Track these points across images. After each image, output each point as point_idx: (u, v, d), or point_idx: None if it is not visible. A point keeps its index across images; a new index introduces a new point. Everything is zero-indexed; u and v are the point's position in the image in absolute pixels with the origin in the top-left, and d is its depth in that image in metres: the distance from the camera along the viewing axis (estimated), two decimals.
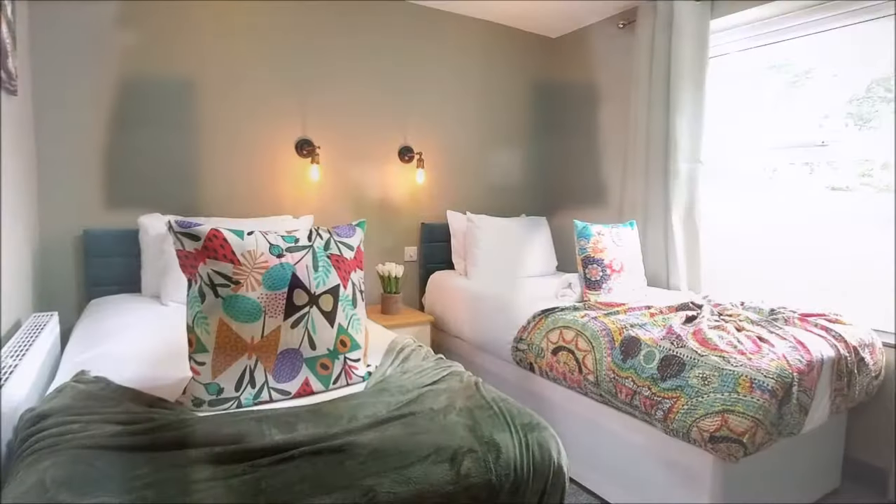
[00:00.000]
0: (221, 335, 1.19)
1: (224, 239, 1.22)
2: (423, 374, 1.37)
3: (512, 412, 1.21)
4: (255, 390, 1.22)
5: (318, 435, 1.02)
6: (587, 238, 2.38)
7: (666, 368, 1.71)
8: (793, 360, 1.64)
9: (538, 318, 2.26)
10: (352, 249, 1.40)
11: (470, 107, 3.34)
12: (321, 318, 1.29)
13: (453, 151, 3.30)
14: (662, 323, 1.97)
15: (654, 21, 2.84)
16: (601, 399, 1.94)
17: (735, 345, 1.72)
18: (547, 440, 1.15)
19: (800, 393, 1.61)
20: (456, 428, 1.11)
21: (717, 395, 1.56)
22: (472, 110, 3.36)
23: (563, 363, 2.06)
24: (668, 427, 1.65)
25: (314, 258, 1.31)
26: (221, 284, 1.19)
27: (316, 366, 1.29)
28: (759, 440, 1.52)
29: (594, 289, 2.33)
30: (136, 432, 1.03)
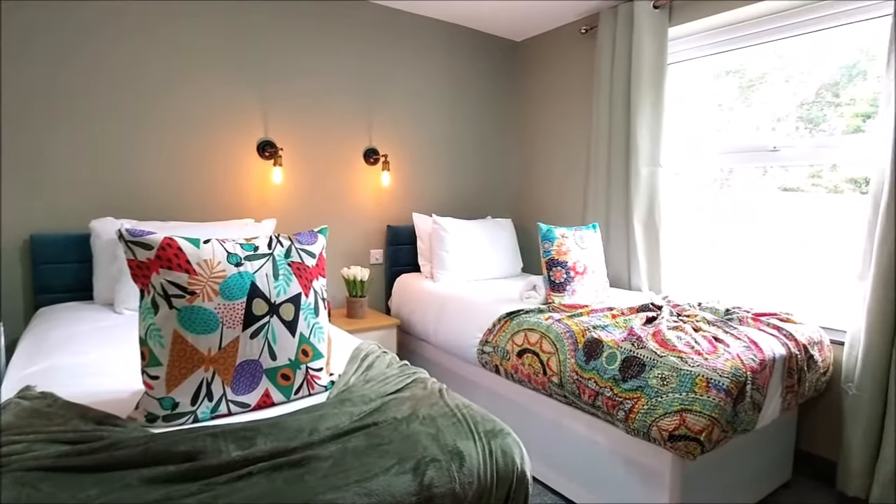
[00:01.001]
0: (176, 348, 1.15)
1: (179, 248, 1.18)
2: (387, 382, 1.35)
3: (475, 419, 1.21)
4: (212, 404, 1.19)
5: (277, 449, 1.00)
6: (551, 241, 2.41)
7: (627, 369, 1.75)
8: (747, 359, 1.70)
9: (503, 320, 2.27)
10: (314, 257, 1.38)
11: (435, 109, 3.34)
12: (282, 327, 1.26)
13: (419, 153, 3.29)
14: (624, 324, 2.01)
15: (614, 27, 2.90)
16: (565, 400, 1.97)
17: (692, 345, 1.77)
18: (510, 446, 1.16)
19: (753, 391, 1.67)
20: (419, 437, 1.10)
21: (675, 395, 1.61)
22: (438, 113, 3.35)
23: (527, 365, 2.08)
24: (629, 427, 1.69)
25: (274, 266, 1.28)
26: (176, 295, 1.15)
27: (277, 377, 1.26)
28: (716, 438, 1.57)
29: (558, 291, 2.36)
30: (84, 452, 0.98)
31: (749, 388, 1.64)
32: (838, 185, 2.42)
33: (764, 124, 2.60)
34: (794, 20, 2.38)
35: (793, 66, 2.50)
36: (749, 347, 1.78)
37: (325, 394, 1.34)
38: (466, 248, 2.97)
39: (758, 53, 2.60)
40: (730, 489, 1.88)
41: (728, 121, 2.76)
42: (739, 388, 1.61)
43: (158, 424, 1.14)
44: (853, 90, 2.33)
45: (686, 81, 2.90)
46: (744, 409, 1.64)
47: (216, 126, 2.58)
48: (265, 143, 2.71)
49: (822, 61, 2.40)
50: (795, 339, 1.93)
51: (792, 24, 2.39)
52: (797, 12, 2.35)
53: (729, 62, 2.73)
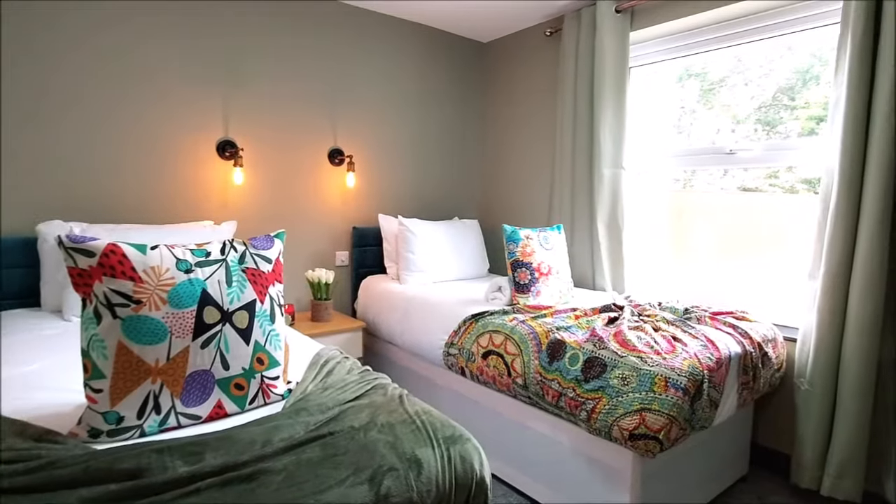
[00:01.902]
0: (121, 359, 1.10)
1: (123, 254, 1.13)
2: (346, 390, 1.33)
3: (435, 425, 1.20)
4: (160, 417, 1.14)
5: (227, 463, 0.97)
6: (516, 242, 2.42)
7: (589, 370, 1.76)
8: (703, 358, 1.74)
9: (468, 322, 2.27)
10: (270, 262, 1.34)
11: (402, 109, 3.32)
12: (235, 336, 1.22)
13: (385, 154, 3.26)
14: (586, 325, 2.03)
15: (578, 30, 2.93)
16: (529, 401, 1.98)
17: (652, 345, 1.79)
18: (469, 452, 1.15)
19: (710, 389, 1.70)
20: (377, 446, 1.08)
21: (635, 394, 1.63)
22: (404, 113, 3.33)
23: (492, 367, 2.08)
24: (591, 427, 1.71)
25: (227, 273, 1.24)
26: (120, 304, 1.10)
27: (230, 387, 1.22)
28: (674, 436, 1.59)
29: (523, 292, 2.37)
30: (19, 472, 0.93)
31: (706, 386, 1.68)
32: (794, 185, 2.50)
33: (724, 126, 2.67)
34: (752, 26, 2.44)
35: (751, 69, 2.57)
36: (706, 346, 1.82)
37: (281, 403, 1.31)
38: (433, 249, 2.95)
39: (718, 57, 2.66)
40: (689, 485, 1.92)
41: (690, 123, 2.82)
42: (697, 387, 1.64)
43: (102, 440, 1.09)
44: (807, 94, 2.41)
45: (650, 84, 2.96)
46: (701, 406, 1.67)
47: (174, 125, 2.49)
48: (225, 144, 2.64)
49: (778, 66, 2.48)
50: (750, 336, 1.98)
51: (749, 30, 2.46)
52: (754, 18, 2.42)
53: (691, 65, 2.79)
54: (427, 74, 3.41)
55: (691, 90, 2.82)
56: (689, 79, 2.82)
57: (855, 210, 1.95)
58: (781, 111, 2.50)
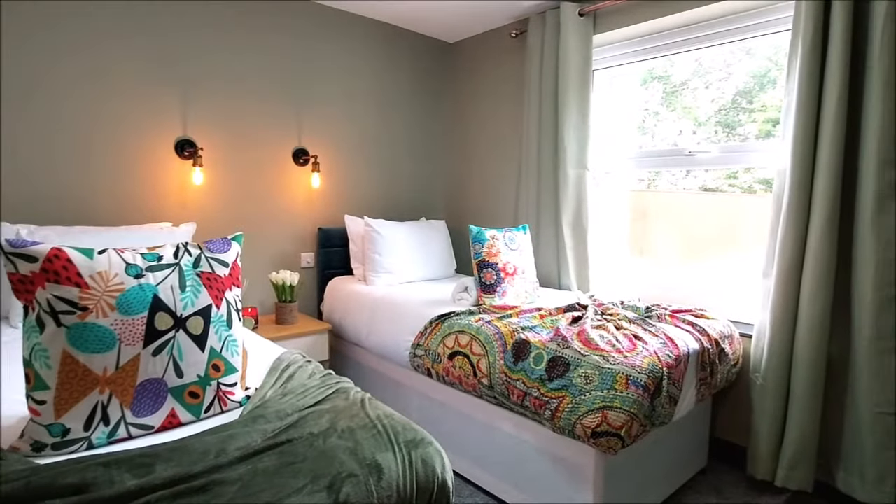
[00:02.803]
0: (66, 369, 1.05)
1: (68, 259, 1.08)
2: (307, 395, 1.31)
3: (396, 429, 1.18)
4: (108, 428, 1.10)
5: (178, 475, 0.94)
6: (481, 243, 2.43)
7: (553, 369, 1.78)
8: (663, 355, 1.78)
9: (435, 323, 2.26)
10: (226, 266, 1.31)
11: (368, 109, 3.29)
12: (189, 342, 1.18)
13: (351, 154, 3.23)
14: (551, 325, 2.05)
15: (543, 32, 2.96)
16: (495, 402, 1.99)
17: (614, 344, 1.82)
18: (431, 456, 1.15)
19: (669, 385, 1.74)
20: (336, 452, 1.07)
21: (597, 392, 1.65)
22: (371, 113, 3.30)
23: (458, 368, 2.08)
24: (555, 425, 1.72)
25: (181, 277, 1.21)
26: (65, 311, 1.06)
27: (184, 395, 1.18)
28: (635, 432, 1.62)
29: (489, 292, 2.38)
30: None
31: (665, 382, 1.72)
32: (752, 185, 2.58)
33: (686, 128, 2.74)
34: (712, 30, 2.49)
35: (712, 73, 2.64)
36: (665, 344, 1.86)
37: (239, 410, 1.28)
38: (399, 250, 2.94)
39: (680, 60, 2.73)
40: (650, 479, 1.96)
41: (654, 125, 2.88)
42: (656, 384, 1.68)
43: (46, 454, 1.04)
44: (765, 97, 2.49)
45: (615, 86, 3.00)
46: (660, 403, 1.71)
47: (130, 124, 2.41)
48: (184, 143, 2.57)
49: (737, 70, 2.55)
50: (708, 333, 2.04)
51: (710, 34, 2.51)
52: (714, 22, 2.47)
53: (655, 68, 2.85)
54: (394, 74, 3.39)
55: (655, 92, 2.88)
56: (653, 81, 2.88)
57: (805, 211, 2.03)
58: (740, 114, 2.58)
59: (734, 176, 2.63)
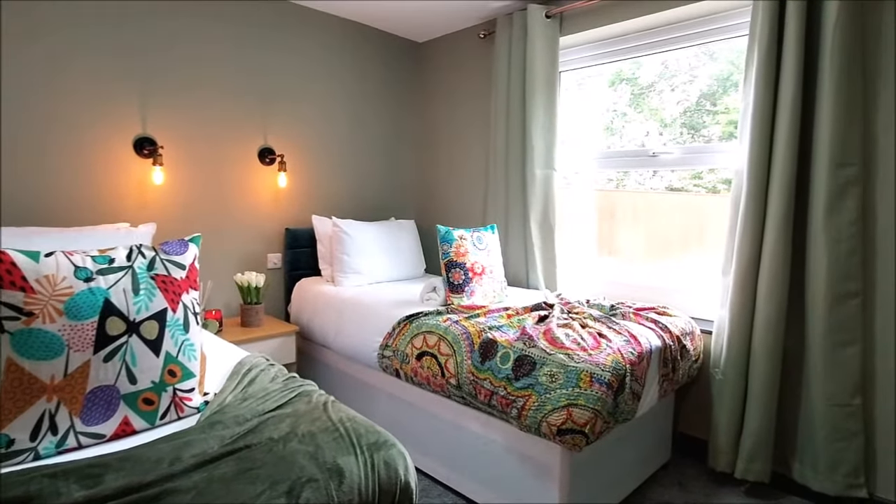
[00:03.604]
0: (10, 377, 1.00)
1: (12, 262, 1.03)
2: (268, 399, 1.28)
3: (359, 432, 1.17)
4: (56, 438, 1.05)
5: (129, 485, 0.91)
6: (449, 242, 2.43)
7: (519, 368, 1.79)
8: (626, 353, 1.81)
9: (403, 323, 2.25)
10: (183, 268, 1.28)
11: (336, 108, 3.25)
12: (143, 347, 1.15)
13: (319, 154, 3.19)
14: (518, 324, 2.07)
15: (510, 33, 2.98)
16: (463, 401, 1.99)
17: (579, 342, 1.85)
18: (394, 458, 1.14)
19: (632, 382, 1.78)
20: (296, 457, 1.05)
21: (562, 390, 1.67)
22: (339, 112, 3.27)
23: (426, 368, 2.07)
24: (522, 424, 1.73)
25: (134, 280, 1.17)
26: (9, 317, 1.01)
27: (137, 402, 1.15)
28: (599, 429, 1.65)
29: (457, 292, 2.38)
30: None
31: (628, 379, 1.75)
32: (716, 185, 2.65)
33: (653, 129, 2.79)
34: (677, 34, 2.54)
35: (678, 76, 2.70)
36: (629, 341, 1.90)
37: (197, 417, 1.24)
38: (368, 250, 2.92)
39: (647, 63, 2.78)
40: (615, 474, 2.00)
41: (622, 126, 2.93)
42: (619, 381, 1.71)
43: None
44: (727, 100, 2.55)
45: (585, 88, 3.04)
46: (624, 399, 1.74)
47: (86, 120, 2.32)
48: (144, 141, 2.49)
49: (701, 72, 2.62)
50: (670, 330, 2.08)
51: (675, 38, 2.56)
52: (679, 26, 2.52)
53: (623, 70, 2.89)
54: (362, 73, 3.36)
55: (623, 94, 2.93)
56: (621, 83, 2.93)
57: (761, 211, 2.09)
58: (704, 116, 2.64)
59: (699, 176, 2.70)
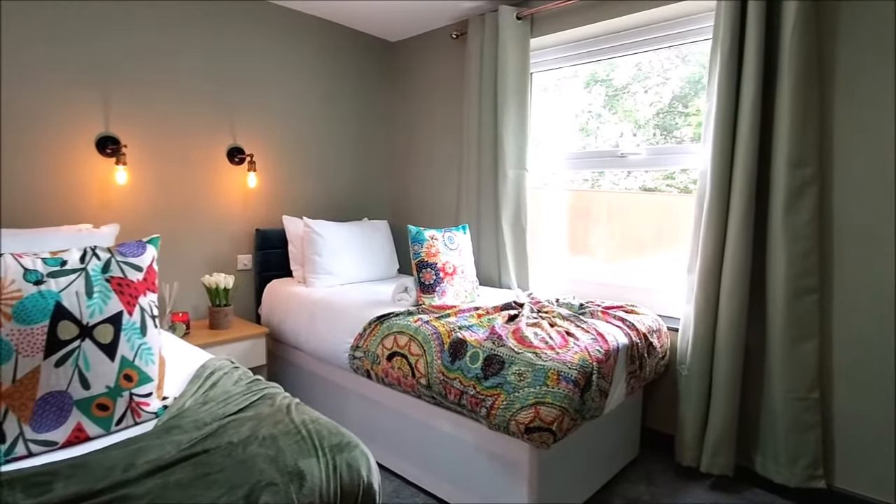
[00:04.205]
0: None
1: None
2: (229, 402, 1.26)
3: (321, 434, 1.17)
4: (5, 446, 1.02)
5: (79, 493, 0.88)
6: (421, 243, 2.43)
7: (488, 367, 1.80)
8: (593, 351, 1.83)
9: (374, 324, 2.24)
10: (140, 270, 1.25)
11: (307, 108, 3.22)
12: (97, 352, 1.12)
13: (290, 154, 3.15)
14: (487, 323, 2.07)
15: (482, 34, 2.99)
16: (433, 401, 1.99)
17: (547, 341, 1.87)
18: (357, 459, 1.13)
19: (599, 380, 1.80)
20: (255, 461, 1.04)
21: (530, 389, 1.69)
22: (310, 111, 3.23)
23: (397, 368, 2.07)
24: (491, 423, 1.74)
25: (88, 283, 1.14)
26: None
27: (91, 408, 1.12)
28: (566, 426, 1.67)
29: (428, 292, 2.38)
30: None
31: (595, 377, 1.77)
32: (688, 185, 2.70)
33: (628, 130, 2.83)
34: (647, 36, 2.58)
35: (651, 78, 2.75)
36: (596, 339, 1.92)
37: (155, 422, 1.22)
38: (340, 251, 2.89)
39: (622, 64, 2.81)
40: (584, 471, 2.02)
41: (597, 127, 2.96)
42: (586, 379, 1.73)
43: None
44: (699, 102, 2.60)
45: (560, 88, 3.06)
46: (591, 397, 1.76)
47: (47, 118, 2.25)
48: (106, 139, 2.43)
49: (674, 75, 2.66)
50: (637, 328, 2.12)
51: (647, 40, 2.60)
52: (651, 28, 2.56)
53: (598, 72, 2.92)
54: (334, 72, 3.34)
55: (598, 96, 2.96)
56: (596, 85, 2.96)
57: (724, 210, 2.14)
58: (676, 117, 2.69)
59: (671, 176, 2.74)
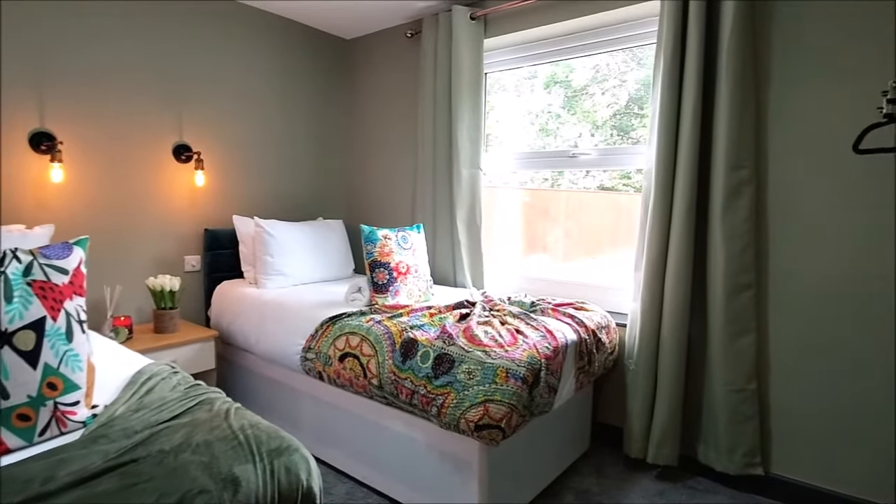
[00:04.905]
0: None
1: None
2: (164, 409, 1.22)
3: (260, 439, 1.14)
4: None
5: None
6: (374, 242, 2.41)
7: (439, 366, 1.81)
8: (542, 348, 1.86)
9: (325, 325, 2.22)
10: (66, 273, 1.19)
11: (260, 105, 3.15)
12: (17, 359, 1.06)
13: (241, 152, 3.07)
14: (439, 323, 2.08)
15: (436, 34, 2.99)
16: (385, 402, 1.98)
17: (497, 339, 1.88)
18: (296, 463, 1.12)
19: (548, 376, 1.83)
20: (187, 469, 1.01)
21: (479, 387, 1.70)
22: (262, 109, 3.16)
23: (349, 369, 2.05)
24: (442, 422, 1.75)
25: (7, 287, 1.08)
26: None
27: (11, 418, 1.06)
28: (515, 423, 1.69)
29: (381, 292, 2.37)
30: None
31: (544, 373, 1.80)
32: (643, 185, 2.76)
33: (586, 131, 2.88)
34: (601, 38, 2.63)
35: (608, 80, 2.80)
36: (545, 337, 1.95)
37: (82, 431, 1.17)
38: (293, 251, 2.84)
39: (580, 67, 2.85)
40: (535, 466, 2.05)
41: (557, 127, 3.00)
42: (535, 375, 1.75)
43: None
44: None
45: (518, 89, 3.08)
46: (539, 393, 1.79)
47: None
48: (40, 136, 2.31)
49: (630, 77, 2.72)
50: (585, 325, 2.16)
51: (599, 42, 2.65)
52: (603, 31, 2.60)
53: (558, 73, 2.96)
54: (287, 69, 3.27)
55: (557, 96, 3.00)
56: (555, 86, 3.00)
57: (668, 210, 2.21)
58: (633, 119, 2.75)
59: (628, 176, 2.81)
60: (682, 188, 2.15)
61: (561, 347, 1.94)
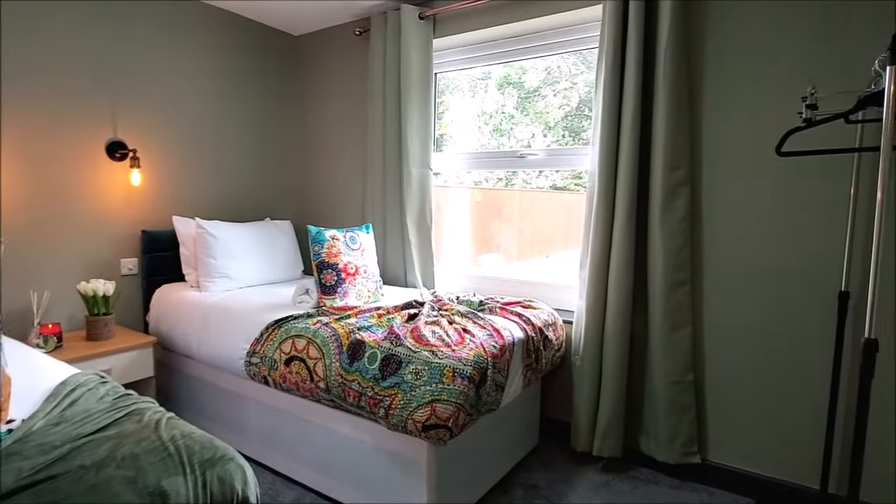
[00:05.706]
0: None
1: None
2: (88, 422, 1.16)
3: (192, 449, 1.10)
4: None
5: None
6: (321, 243, 2.37)
7: (386, 368, 1.80)
8: (488, 346, 1.88)
9: (271, 328, 2.16)
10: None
11: (202, 101, 3.03)
12: None
13: (181, 150, 2.95)
14: (387, 323, 2.06)
15: (385, 32, 2.96)
16: (333, 404, 1.95)
17: (444, 338, 1.89)
18: (230, 473, 1.08)
19: (495, 374, 1.85)
20: (110, 484, 0.96)
21: (426, 387, 1.70)
22: (206, 105, 3.05)
23: (295, 373, 2.01)
24: (389, 423, 1.74)
25: None
26: None
27: None
28: (462, 422, 1.70)
29: (329, 294, 2.33)
30: None
31: (490, 372, 1.81)
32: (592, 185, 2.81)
33: (538, 132, 2.92)
34: (550, 41, 2.66)
35: (560, 82, 2.84)
36: (492, 335, 1.97)
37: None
38: (238, 253, 2.76)
39: (533, 69, 2.87)
40: (484, 464, 2.07)
41: (510, 128, 3.02)
42: (481, 374, 1.77)
43: None
44: None
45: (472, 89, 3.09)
46: (486, 391, 1.80)
47: None
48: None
49: (580, 80, 2.77)
50: (532, 322, 2.20)
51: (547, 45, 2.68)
52: (551, 33, 2.63)
53: (511, 75, 2.98)
54: (233, 65, 3.16)
55: (511, 97, 3.02)
56: (509, 87, 3.02)
57: (610, 209, 2.28)
58: (583, 120, 2.80)
59: (579, 176, 2.87)
60: (624, 188, 2.21)
61: (508, 345, 1.97)
